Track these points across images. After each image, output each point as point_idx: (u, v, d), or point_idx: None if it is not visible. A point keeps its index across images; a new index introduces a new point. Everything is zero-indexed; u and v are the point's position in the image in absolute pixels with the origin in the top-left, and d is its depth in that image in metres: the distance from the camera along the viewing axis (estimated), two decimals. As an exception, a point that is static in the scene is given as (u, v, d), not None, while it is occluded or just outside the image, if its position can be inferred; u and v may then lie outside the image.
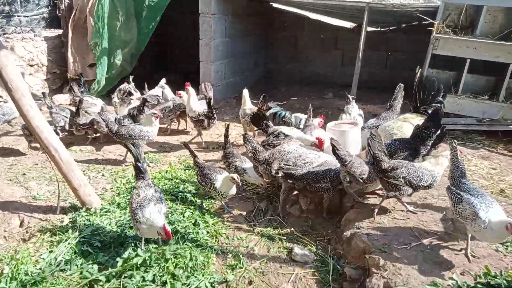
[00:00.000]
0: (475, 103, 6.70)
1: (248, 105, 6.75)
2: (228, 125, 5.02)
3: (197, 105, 6.67)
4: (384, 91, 6.14)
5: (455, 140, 3.58)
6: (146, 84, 8.16)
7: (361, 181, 3.92)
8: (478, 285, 2.80)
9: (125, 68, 9.07)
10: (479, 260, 3.17)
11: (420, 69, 4.94)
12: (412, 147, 4.20)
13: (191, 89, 6.71)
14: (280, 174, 4.20)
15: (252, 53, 11.26)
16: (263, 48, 12.21)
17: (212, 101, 6.56)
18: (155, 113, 5.70)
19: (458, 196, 3.19)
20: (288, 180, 4.23)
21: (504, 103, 6.51)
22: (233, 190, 4.28)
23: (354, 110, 5.90)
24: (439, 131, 4.17)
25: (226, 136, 4.96)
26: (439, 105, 4.60)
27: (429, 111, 4.38)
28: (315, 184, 4.16)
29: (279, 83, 11.86)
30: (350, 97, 6.59)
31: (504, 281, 2.80)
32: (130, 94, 7.06)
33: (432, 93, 4.47)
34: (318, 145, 4.70)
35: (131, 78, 7.98)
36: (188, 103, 6.64)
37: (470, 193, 3.17)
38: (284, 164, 4.24)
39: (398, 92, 5.70)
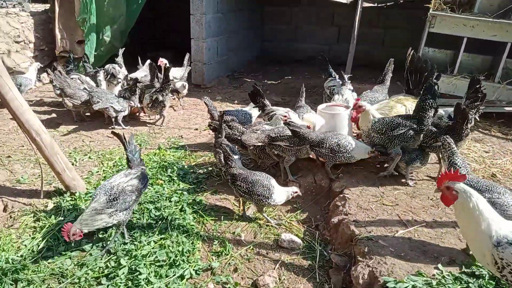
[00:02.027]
0: (471, 84, 6.54)
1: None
2: (223, 113, 4.75)
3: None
4: (381, 69, 6.01)
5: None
6: (140, 59, 7.98)
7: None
8: (463, 275, 2.77)
9: (114, 45, 8.81)
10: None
11: (413, 51, 4.77)
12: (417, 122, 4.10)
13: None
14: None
15: (246, 30, 10.95)
16: (258, 24, 11.89)
17: (168, 71, 6.37)
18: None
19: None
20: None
21: (500, 84, 6.36)
22: None
23: (347, 92, 5.77)
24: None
25: (220, 124, 4.58)
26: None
27: None
28: (316, 147, 4.23)
29: (274, 61, 11.61)
30: (346, 77, 6.45)
31: (488, 270, 2.77)
32: (113, 76, 6.87)
33: (425, 74, 4.34)
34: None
35: (120, 51, 7.82)
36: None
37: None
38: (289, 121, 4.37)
39: (388, 66, 5.77)
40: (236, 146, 4.68)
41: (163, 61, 7.17)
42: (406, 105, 4.90)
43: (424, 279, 2.74)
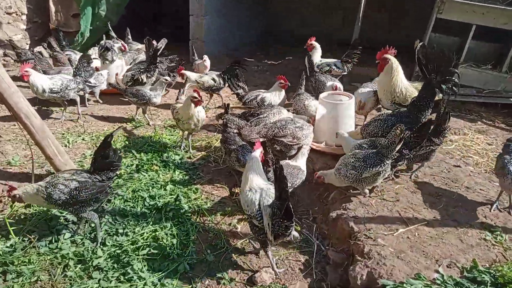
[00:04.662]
0: (477, 73, 6.35)
1: None
2: (228, 104, 4.60)
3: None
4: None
5: None
6: (128, 30, 7.75)
7: None
8: (464, 280, 2.71)
9: (110, 19, 8.46)
10: (468, 250, 3.07)
11: (421, 42, 4.53)
12: (411, 120, 4.01)
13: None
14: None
15: (249, 9, 10.55)
16: (262, 3, 11.45)
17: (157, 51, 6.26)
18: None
19: None
20: None
21: (507, 74, 6.17)
22: None
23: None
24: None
25: (225, 113, 4.39)
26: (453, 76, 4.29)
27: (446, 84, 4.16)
28: None
29: (276, 41, 11.28)
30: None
31: (491, 277, 2.71)
32: (107, 49, 6.51)
33: (444, 63, 4.16)
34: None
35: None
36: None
37: None
38: None
39: None
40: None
41: None
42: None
43: (424, 283, 2.68)
